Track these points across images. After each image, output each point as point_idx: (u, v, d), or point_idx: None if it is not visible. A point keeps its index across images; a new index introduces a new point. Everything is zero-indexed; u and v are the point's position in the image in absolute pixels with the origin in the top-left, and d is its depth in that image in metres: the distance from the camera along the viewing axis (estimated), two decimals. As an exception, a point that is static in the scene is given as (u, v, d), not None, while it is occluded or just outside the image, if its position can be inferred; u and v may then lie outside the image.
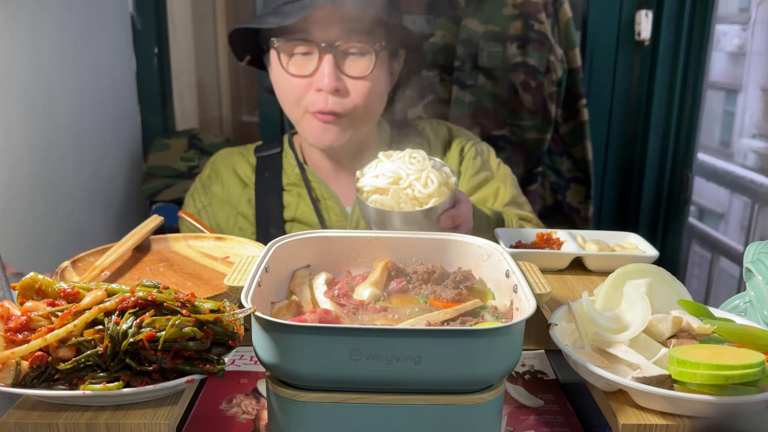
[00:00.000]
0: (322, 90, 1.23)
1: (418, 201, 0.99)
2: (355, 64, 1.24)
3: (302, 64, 1.25)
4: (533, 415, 0.81)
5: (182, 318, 0.66)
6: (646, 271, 0.83)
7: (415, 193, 0.99)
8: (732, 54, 2.55)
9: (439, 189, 0.99)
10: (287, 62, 1.26)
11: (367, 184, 1.02)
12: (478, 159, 1.44)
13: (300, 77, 1.25)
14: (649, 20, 2.07)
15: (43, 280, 0.72)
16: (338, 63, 1.23)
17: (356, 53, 1.24)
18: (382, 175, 1.01)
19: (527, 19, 1.84)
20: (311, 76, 1.24)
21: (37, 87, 1.35)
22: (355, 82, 1.24)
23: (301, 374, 0.62)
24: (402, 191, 0.99)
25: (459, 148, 1.44)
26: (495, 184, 1.42)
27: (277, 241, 0.83)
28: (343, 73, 1.23)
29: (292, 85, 1.26)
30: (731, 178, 2.39)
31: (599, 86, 2.15)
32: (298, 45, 1.24)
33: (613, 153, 2.24)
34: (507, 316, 0.76)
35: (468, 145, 1.45)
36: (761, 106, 2.43)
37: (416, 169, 1.00)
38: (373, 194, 1.01)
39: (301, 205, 1.37)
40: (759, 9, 2.32)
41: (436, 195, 0.99)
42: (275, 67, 1.28)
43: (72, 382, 0.65)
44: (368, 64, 1.24)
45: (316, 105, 1.24)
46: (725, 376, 0.63)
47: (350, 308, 0.78)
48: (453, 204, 1.02)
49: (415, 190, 0.99)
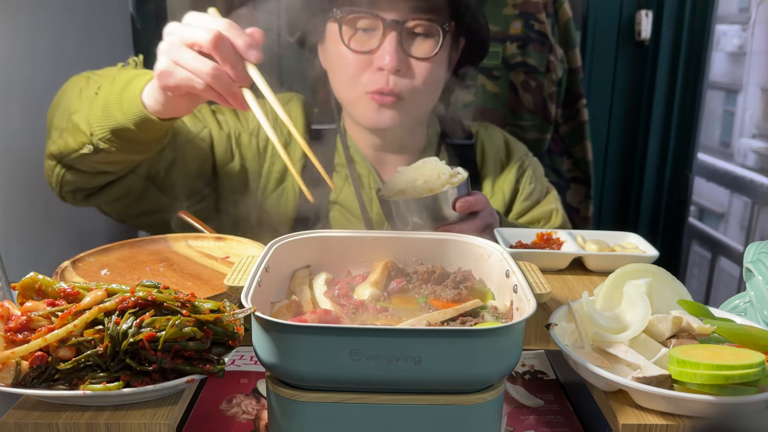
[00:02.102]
0: (383, 69, 1.17)
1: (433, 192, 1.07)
2: (420, 45, 1.19)
3: (363, 41, 1.19)
4: (533, 415, 0.81)
5: (182, 318, 0.66)
6: (646, 271, 0.83)
7: (430, 185, 1.07)
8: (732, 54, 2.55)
9: (450, 179, 1.08)
10: (349, 37, 1.19)
11: (387, 191, 1.11)
12: (534, 178, 1.41)
13: (360, 53, 1.18)
14: (649, 20, 2.07)
15: (43, 280, 0.72)
16: (402, 42, 1.17)
17: (422, 33, 1.19)
18: (401, 181, 1.11)
19: (527, 19, 1.84)
20: (372, 54, 1.18)
21: (37, 87, 1.35)
22: (417, 63, 1.19)
23: (301, 374, 0.62)
24: (418, 186, 1.08)
25: (518, 164, 1.41)
26: (548, 207, 1.39)
27: (277, 241, 0.83)
28: (406, 53, 1.18)
29: (351, 62, 1.19)
30: (731, 178, 2.39)
31: (599, 86, 2.15)
32: (363, 18, 1.17)
33: (613, 153, 2.24)
34: (507, 316, 0.76)
35: (526, 161, 1.42)
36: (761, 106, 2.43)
37: (430, 169, 1.09)
38: (392, 197, 1.09)
39: (346, 189, 1.31)
40: (759, 9, 2.32)
41: (448, 183, 1.07)
42: (333, 40, 1.22)
43: (72, 382, 0.65)
44: (434, 45, 1.19)
45: (376, 84, 1.18)
46: (725, 376, 0.63)
47: (350, 308, 0.78)
48: (468, 192, 1.08)
49: (429, 183, 1.07)
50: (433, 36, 1.19)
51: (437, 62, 1.21)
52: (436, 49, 1.19)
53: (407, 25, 1.17)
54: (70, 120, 1.08)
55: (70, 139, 1.07)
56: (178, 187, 1.25)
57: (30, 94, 1.34)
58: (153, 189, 1.22)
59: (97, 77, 1.11)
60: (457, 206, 1.06)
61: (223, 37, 0.88)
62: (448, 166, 1.10)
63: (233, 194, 1.30)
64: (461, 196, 1.07)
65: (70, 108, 1.09)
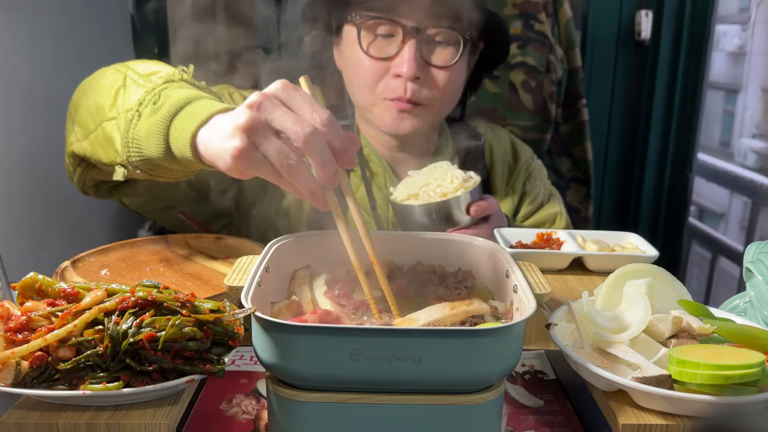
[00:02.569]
0: (400, 76, 1.16)
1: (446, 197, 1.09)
2: (440, 53, 1.18)
3: (382, 47, 1.17)
4: (533, 415, 0.81)
5: (182, 318, 0.66)
6: (646, 271, 0.83)
7: (443, 190, 1.09)
8: (732, 54, 2.55)
9: (463, 183, 1.09)
10: (368, 43, 1.17)
11: (399, 195, 1.13)
12: (540, 181, 1.41)
13: (378, 59, 1.17)
14: (649, 20, 2.07)
15: (43, 280, 0.72)
16: (422, 49, 1.16)
17: (442, 41, 1.17)
18: (413, 185, 1.12)
19: (527, 19, 1.84)
20: (390, 60, 1.16)
21: (37, 87, 1.35)
22: (437, 72, 1.17)
23: (301, 374, 0.62)
24: (431, 190, 1.10)
25: (525, 166, 1.40)
26: (553, 210, 1.39)
27: (277, 241, 0.83)
28: (425, 61, 1.16)
29: (368, 68, 1.18)
30: (731, 178, 2.40)
31: (599, 86, 2.15)
32: (382, 24, 1.15)
33: (613, 153, 2.24)
34: (507, 316, 0.76)
35: (532, 164, 1.42)
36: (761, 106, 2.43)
37: (442, 173, 1.12)
38: (406, 201, 1.11)
39: (362, 188, 1.29)
40: (759, 9, 2.32)
41: (462, 188, 1.09)
42: (351, 44, 1.19)
43: (72, 382, 0.65)
44: (454, 53, 1.18)
45: (395, 92, 1.17)
46: (725, 376, 0.63)
47: (350, 308, 0.78)
48: (481, 197, 1.10)
49: (442, 187, 1.09)
50: (453, 44, 1.18)
51: (457, 70, 1.20)
52: (456, 57, 1.18)
53: (427, 32, 1.16)
54: (101, 127, 0.96)
55: (100, 151, 0.97)
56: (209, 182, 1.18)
57: (30, 94, 1.33)
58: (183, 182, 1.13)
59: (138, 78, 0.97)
60: (471, 211, 1.08)
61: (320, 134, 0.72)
62: (460, 170, 1.12)
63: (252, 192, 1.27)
64: (474, 201, 1.08)
65: (103, 111, 0.96)
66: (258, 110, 0.73)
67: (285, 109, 0.73)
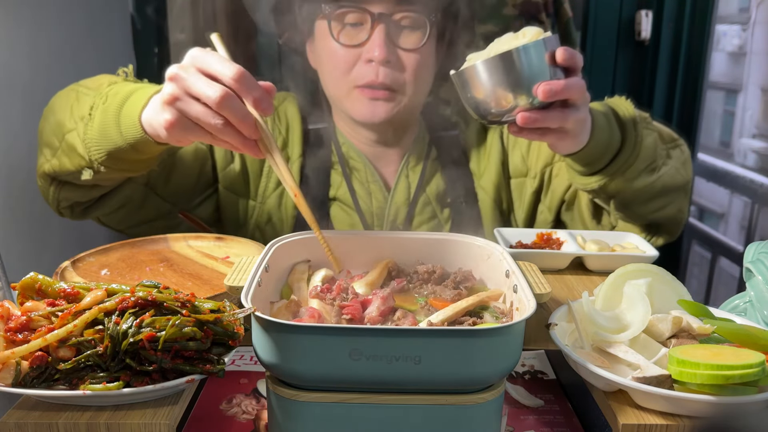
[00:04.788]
0: (372, 61, 1.19)
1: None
2: (408, 36, 1.21)
3: (352, 35, 1.20)
4: (533, 415, 0.81)
5: (182, 318, 0.66)
6: (646, 271, 0.83)
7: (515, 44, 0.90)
8: (732, 54, 2.55)
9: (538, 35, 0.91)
10: (338, 32, 1.20)
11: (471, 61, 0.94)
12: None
13: (350, 47, 1.20)
14: (649, 20, 2.07)
15: (43, 280, 0.72)
16: (391, 34, 1.19)
17: (409, 26, 1.20)
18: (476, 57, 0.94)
19: (527, 19, 1.84)
20: (361, 47, 1.19)
21: (37, 87, 1.35)
22: (407, 54, 1.20)
23: (301, 374, 0.62)
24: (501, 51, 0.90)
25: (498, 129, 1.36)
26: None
27: (277, 241, 0.83)
28: (395, 45, 1.20)
29: (341, 56, 1.20)
30: (731, 178, 2.40)
31: (599, 86, 2.15)
32: (350, 13, 1.19)
33: (613, 153, 2.23)
34: (507, 316, 0.76)
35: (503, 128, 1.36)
36: (761, 106, 2.43)
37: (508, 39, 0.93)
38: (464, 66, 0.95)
39: (345, 185, 1.31)
40: (759, 9, 2.32)
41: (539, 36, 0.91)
42: (322, 37, 1.23)
43: (72, 382, 0.65)
44: (421, 36, 1.21)
45: (366, 77, 1.19)
46: (725, 376, 0.63)
47: (334, 310, 0.77)
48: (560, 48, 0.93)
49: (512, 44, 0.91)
50: (420, 27, 1.21)
51: (425, 53, 1.23)
52: (423, 40, 1.21)
53: (394, 17, 1.19)
54: (64, 140, 1.05)
55: (66, 161, 1.05)
56: (179, 193, 1.25)
57: (30, 95, 1.34)
58: (153, 196, 1.21)
59: (87, 91, 1.08)
60: (558, 56, 0.91)
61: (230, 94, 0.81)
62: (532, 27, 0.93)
63: (234, 195, 1.30)
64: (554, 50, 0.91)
65: (63, 126, 1.06)
66: (175, 82, 0.84)
67: (198, 76, 0.83)
